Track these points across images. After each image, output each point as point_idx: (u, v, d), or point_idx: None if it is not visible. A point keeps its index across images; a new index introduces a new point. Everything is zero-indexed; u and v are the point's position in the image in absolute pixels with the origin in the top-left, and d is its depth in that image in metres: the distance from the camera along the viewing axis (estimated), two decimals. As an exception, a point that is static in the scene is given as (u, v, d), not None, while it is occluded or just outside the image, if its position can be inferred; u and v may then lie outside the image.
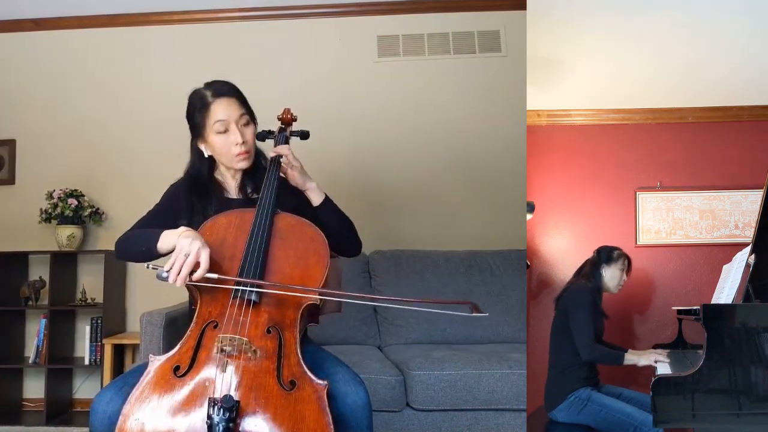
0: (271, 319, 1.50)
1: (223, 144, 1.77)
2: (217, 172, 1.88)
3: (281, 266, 1.59)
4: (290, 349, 1.46)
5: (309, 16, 3.90)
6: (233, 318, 1.48)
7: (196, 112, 1.79)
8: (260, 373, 1.39)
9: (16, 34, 3.92)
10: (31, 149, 3.91)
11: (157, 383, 1.38)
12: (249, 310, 1.50)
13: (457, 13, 3.90)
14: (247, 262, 1.54)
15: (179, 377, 1.39)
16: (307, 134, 1.97)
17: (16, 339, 3.75)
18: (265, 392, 1.37)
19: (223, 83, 1.81)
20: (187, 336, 1.48)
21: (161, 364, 1.41)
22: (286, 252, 1.61)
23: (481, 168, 3.83)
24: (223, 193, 1.85)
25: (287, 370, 1.42)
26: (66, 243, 3.63)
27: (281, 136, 1.89)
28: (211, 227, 1.64)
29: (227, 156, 1.78)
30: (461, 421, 2.59)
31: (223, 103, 1.76)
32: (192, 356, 1.42)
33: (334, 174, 3.51)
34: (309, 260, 1.61)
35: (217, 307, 1.52)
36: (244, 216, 1.67)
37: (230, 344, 1.40)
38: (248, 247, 1.57)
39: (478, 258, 3.37)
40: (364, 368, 2.56)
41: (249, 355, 1.41)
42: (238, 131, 1.75)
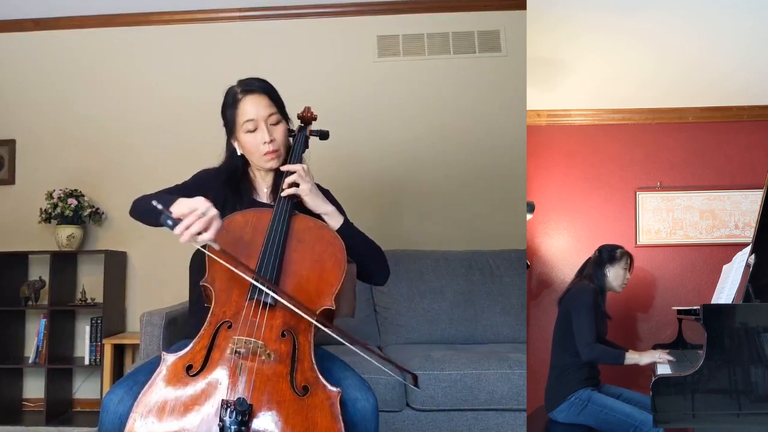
0: (286, 322, 1.49)
1: (251, 142, 1.76)
2: (250, 171, 1.86)
3: (297, 268, 1.57)
4: (304, 354, 1.45)
5: (309, 16, 3.90)
6: (248, 320, 1.46)
7: (228, 109, 1.78)
8: (273, 377, 1.38)
9: (16, 34, 3.92)
10: (31, 149, 3.91)
11: (170, 382, 1.36)
12: (264, 312, 1.48)
13: (457, 13, 3.90)
14: (264, 263, 1.53)
15: (192, 376, 1.37)
16: (326, 134, 1.94)
17: (16, 339, 3.75)
18: (278, 396, 1.35)
19: (254, 80, 1.80)
20: (200, 335, 1.46)
21: (174, 362, 1.40)
22: (303, 254, 1.60)
23: (481, 168, 3.83)
24: (252, 194, 1.84)
25: (300, 374, 1.40)
26: (66, 243, 3.63)
27: (300, 136, 1.86)
28: (228, 224, 1.60)
29: (256, 154, 1.77)
30: (461, 421, 2.59)
31: (252, 99, 1.75)
32: (205, 356, 1.41)
33: (333, 174, 3.50)
34: (326, 264, 1.59)
35: (232, 307, 1.50)
36: (262, 216, 1.65)
37: (245, 346, 1.39)
38: (265, 248, 1.56)
39: (478, 258, 3.37)
40: (364, 368, 2.56)
41: (263, 358, 1.39)
42: (266, 130, 1.74)
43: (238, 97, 1.76)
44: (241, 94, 1.76)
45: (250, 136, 1.75)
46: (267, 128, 1.75)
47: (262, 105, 1.75)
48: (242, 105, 1.75)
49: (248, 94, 1.76)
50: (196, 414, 1.32)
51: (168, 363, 1.40)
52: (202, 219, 1.41)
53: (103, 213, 3.80)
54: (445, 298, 3.23)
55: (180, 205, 1.46)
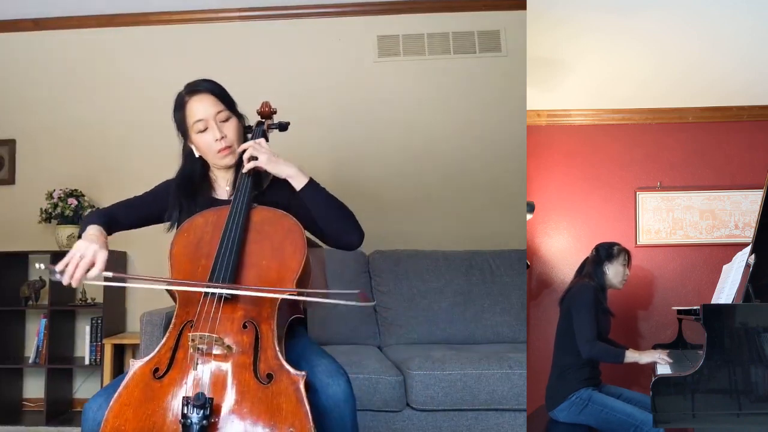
0: (246, 314, 1.51)
1: (204, 142, 1.78)
2: (211, 172, 1.88)
3: (257, 260, 1.59)
4: (267, 343, 1.46)
5: (309, 16, 3.90)
6: (207, 315, 1.48)
7: (177, 113, 1.81)
8: (236, 369, 1.40)
9: (16, 34, 3.92)
10: (31, 149, 3.91)
11: (137, 386, 1.39)
12: (220, 306, 1.50)
13: (457, 13, 3.90)
14: (219, 259, 1.55)
15: (158, 379, 1.39)
16: (285, 126, 1.94)
17: (16, 339, 3.75)
18: (242, 387, 1.37)
19: (199, 81, 1.81)
20: (165, 337, 1.49)
21: (140, 367, 1.42)
22: (262, 245, 1.61)
23: (481, 168, 3.83)
24: (212, 193, 1.85)
25: (264, 363, 1.42)
26: (66, 243, 3.63)
27: (257, 130, 1.87)
28: (188, 228, 1.66)
29: (210, 153, 1.79)
30: (461, 421, 2.59)
31: (197, 100, 1.77)
32: (170, 357, 1.43)
33: (334, 174, 3.51)
34: (285, 250, 1.60)
35: (194, 306, 1.52)
36: (221, 213, 1.67)
37: (201, 341, 1.40)
38: (221, 244, 1.58)
39: (478, 258, 3.37)
40: (364, 368, 2.57)
41: (224, 352, 1.41)
42: (216, 127, 1.76)
43: (185, 99, 1.78)
44: (187, 96, 1.78)
45: (202, 136, 1.77)
46: (217, 126, 1.76)
47: (209, 104, 1.77)
48: (189, 106, 1.77)
49: (194, 95, 1.78)
50: (164, 414, 1.34)
51: (134, 369, 1.42)
52: (83, 260, 1.52)
53: (103, 213, 3.80)
54: (445, 298, 3.23)
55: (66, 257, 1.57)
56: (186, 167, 1.87)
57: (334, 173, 3.52)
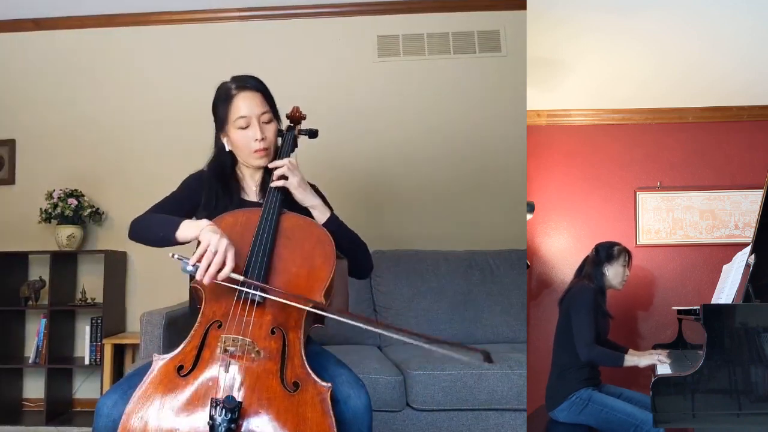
0: (275, 319, 1.49)
1: (242, 139, 1.76)
2: (238, 169, 1.87)
3: (287, 266, 1.58)
4: (294, 351, 1.45)
5: (309, 16, 3.90)
6: (237, 318, 1.47)
7: (220, 105, 1.78)
8: (263, 374, 1.39)
9: (16, 34, 3.92)
10: (31, 149, 3.91)
11: (161, 382, 1.37)
12: (253, 310, 1.49)
13: (457, 13, 3.90)
14: (252, 262, 1.53)
15: (182, 377, 1.38)
16: (315, 133, 1.95)
17: (16, 339, 3.75)
18: (268, 393, 1.36)
19: (249, 77, 1.80)
20: (191, 335, 1.47)
21: (165, 364, 1.40)
22: (293, 252, 1.60)
23: (481, 168, 3.83)
24: (241, 194, 1.84)
25: (291, 371, 1.41)
26: (66, 243, 3.63)
27: (289, 135, 1.87)
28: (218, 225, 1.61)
29: (245, 151, 1.77)
30: (461, 421, 2.59)
31: (246, 96, 1.75)
32: (196, 356, 1.41)
33: (333, 174, 3.51)
34: (315, 261, 1.59)
35: (222, 306, 1.51)
36: (251, 215, 1.66)
37: (233, 344, 1.39)
38: (253, 247, 1.56)
39: (478, 258, 3.37)
40: (364, 368, 2.57)
41: (252, 356, 1.40)
42: (258, 127, 1.75)
43: (232, 92, 1.76)
44: (236, 90, 1.76)
45: (242, 132, 1.75)
46: (259, 126, 1.75)
47: (256, 103, 1.76)
48: (236, 101, 1.75)
49: (242, 91, 1.76)
50: (187, 413, 1.33)
51: (159, 364, 1.40)
52: (217, 258, 1.45)
53: (103, 213, 3.80)
54: (445, 298, 3.23)
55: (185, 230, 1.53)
56: (218, 160, 1.84)
57: (333, 173, 3.52)
